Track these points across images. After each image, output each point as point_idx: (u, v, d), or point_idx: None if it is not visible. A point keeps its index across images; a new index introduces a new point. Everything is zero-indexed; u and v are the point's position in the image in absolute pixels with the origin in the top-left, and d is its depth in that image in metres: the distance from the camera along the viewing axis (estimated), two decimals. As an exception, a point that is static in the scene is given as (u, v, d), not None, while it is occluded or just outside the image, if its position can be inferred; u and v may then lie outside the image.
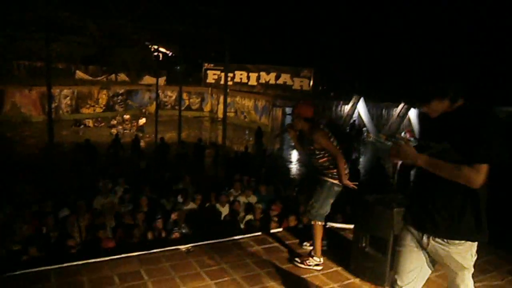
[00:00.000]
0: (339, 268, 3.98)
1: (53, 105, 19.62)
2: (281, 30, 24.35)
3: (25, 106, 23.11)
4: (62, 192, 8.71)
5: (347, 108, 25.01)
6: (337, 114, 24.60)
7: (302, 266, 3.96)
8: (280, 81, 24.80)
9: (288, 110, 24.88)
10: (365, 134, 24.29)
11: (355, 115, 24.88)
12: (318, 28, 25.32)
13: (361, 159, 18.71)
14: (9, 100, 22.94)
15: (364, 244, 3.79)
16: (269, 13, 22.53)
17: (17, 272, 3.66)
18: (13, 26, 16.51)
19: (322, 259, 3.97)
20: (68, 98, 24.55)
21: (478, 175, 2.08)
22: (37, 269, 3.72)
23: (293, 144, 4.38)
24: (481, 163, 2.08)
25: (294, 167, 17.01)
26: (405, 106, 24.17)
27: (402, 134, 24.38)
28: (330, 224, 4.82)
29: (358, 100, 24.18)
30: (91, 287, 3.42)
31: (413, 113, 24.18)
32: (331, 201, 4.00)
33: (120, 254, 4.12)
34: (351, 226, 4.23)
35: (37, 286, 3.40)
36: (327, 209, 4.00)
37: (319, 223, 3.98)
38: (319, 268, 3.93)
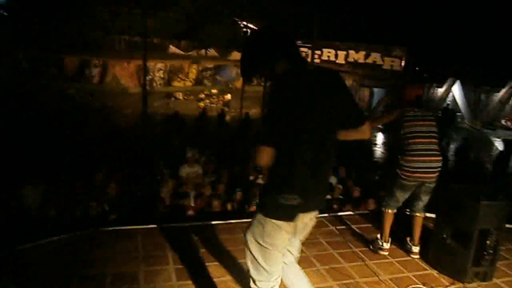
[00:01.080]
0: (416, 257, 3.83)
1: (147, 78, 20.94)
2: (373, 6, 23.21)
3: (124, 78, 24.87)
4: (151, 159, 9.33)
5: (440, 91, 23.44)
6: (429, 97, 23.20)
7: (370, 248, 3.96)
8: (369, 60, 23.80)
9: (376, 90, 23.99)
10: (459, 120, 22.65)
11: (449, 99, 23.24)
12: (413, 4, 23.72)
13: (452, 146, 17.55)
14: (110, 72, 24.84)
15: (445, 236, 3.60)
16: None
17: (109, 228, 4.05)
18: (115, 2, 17.70)
19: (388, 245, 3.88)
20: (162, 71, 25.93)
21: None
22: (126, 227, 4.08)
23: (379, 126, 4.18)
24: None
25: (378, 150, 16.46)
26: (510, 91, 22.04)
27: (503, 121, 22.35)
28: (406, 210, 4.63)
29: (453, 83, 22.51)
30: (172, 248, 3.66)
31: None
32: (401, 193, 3.78)
33: (200, 221, 4.36)
34: (433, 215, 4.02)
35: (125, 242, 3.73)
36: (397, 199, 3.83)
37: (388, 210, 3.88)
38: (384, 253, 3.86)
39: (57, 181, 7.01)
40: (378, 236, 3.96)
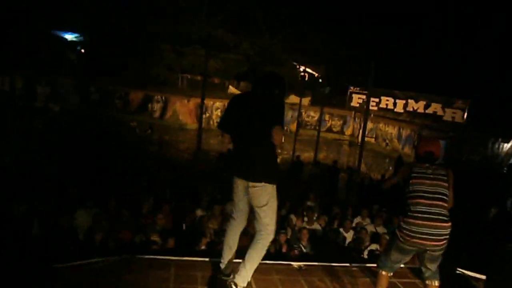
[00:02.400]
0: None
1: (205, 116, 21.64)
2: (434, 56, 22.78)
3: (183, 114, 25.89)
4: (200, 193, 9.44)
5: (507, 146, 22.12)
6: (493, 152, 21.92)
7: None
8: (429, 111, 23.11)
9: (435, 141, 23.08)
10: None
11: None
12: (477, 55, 22.99)
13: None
14: (171, 107, 25.99)
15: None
16: (422, 38, 21.28)
17: (146, 256, 4.07)
18: (180, 43, 18.75)
19: None
20: (219, 110, 26.70)
21: None
22: (162, 257, 4.09)
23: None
24: None
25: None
26: None
27: None
28: (459, 270, 4.28)
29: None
30: (202, 283, 3.61)
31: None
32: (398, 255, 3.42)
33: (236, 259, 4.27)
34: (483, 277, 3.68)
35: (159, 271, 3.73)
36: (393, 261, 3.48)
37: (382, 272, 3.54)
38: None
39: (108, 206, 7.25)
40: None
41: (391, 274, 3.56)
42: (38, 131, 20.39)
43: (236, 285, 3.32)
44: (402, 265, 4.68)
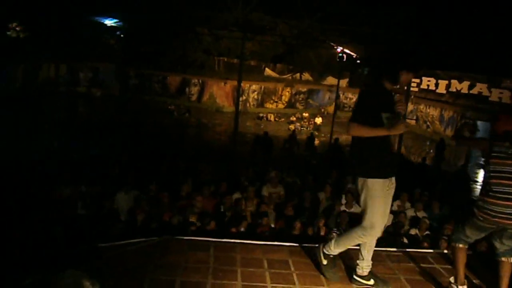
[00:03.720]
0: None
1: (242, 98, 21.68)
2: (480, 33, 21.65)
3: (220, 97, 26.06)
4: (237, 176, 9.52)
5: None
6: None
7: None
8: (474, 91, 22.07)
9: (479, 123, 22.14)
10: None
11: None
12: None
13: None
14: (208, 91, 26.21)
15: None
16: (467, 15, 20.23)
17: (186, 238, 4.15)
18: (217, 26, 18.74)
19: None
20: (256, 92, 26.70)
21: None
22: (202, 238, 4.15)
23: (480, 161, 3.82)
24: None
25: (477, 187, 15.08)
26: None
27: None
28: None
29: None
30: (242, 265, 3.64)
31: None
32: (473, 231, 3.36)
33: (274, 241, 4.29)
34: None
35: (198, 253, 3.79)
36: (467, 236, 3.41)
37: (459, 245, 3.44)
38: None
39: (148, 189, 7.44)
40: (452, 279, 3.52)
41: (467, 246, 3.48)
42: (82, 116, 21.12)
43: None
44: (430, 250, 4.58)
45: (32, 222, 5.61)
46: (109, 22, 25.74)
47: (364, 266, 3.46)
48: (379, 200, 3.18)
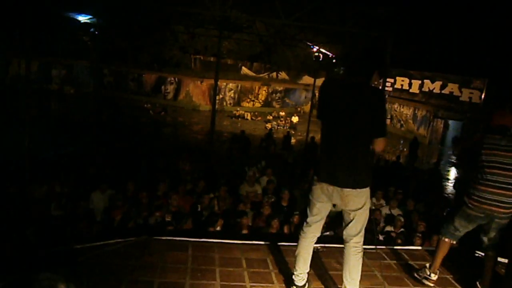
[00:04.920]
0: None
1: (218, 97, 21.59)
2: (451, 34, 22.19)
3: (196, 96, 25.90)
4: (215, 175, 9.49)
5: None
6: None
7: (415, 275, 3.71)
8: (445, 91, 22.66)
9: (451, 122, 22.75)
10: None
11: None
12: (495, 32, 22.30)
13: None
14: (184, 89, 26.00)
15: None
16: (440, 16, 20.70)
17: (164, 238, 4.12)
18: (194, 24, 18.61)
19: (435, 277, 3.60)
20: (232, 91, 26.65)
21: None
22: (179, 238, 4.12)
23: (452, 159, 3.95)
24: None
25: (450, 185, 15.49)
26: None
27: None
28: (477, 252, 4.24)
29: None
30: (220, 264, 3.64)
31: None
32: (463, 223, 3.51)
33: (252, 240, 4.30)
34: (505, 260, 3.63)
35: (176, 253, 3.76)
36: (456, 228, 3.55)
37: (445, 239, 3.60)
38: (430, 284, 3.59)
39: (123, 188, 7.33)
40: (427, 265, 3.68)
41: (454, 242, 3.61)
42: (55, 114, 20.62)
43: None
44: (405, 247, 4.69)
45: (4, 223, 5.45)
46: (82, 18, 25.16)
47: None
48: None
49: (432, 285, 3.59)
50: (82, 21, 24.07)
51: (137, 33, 24.15)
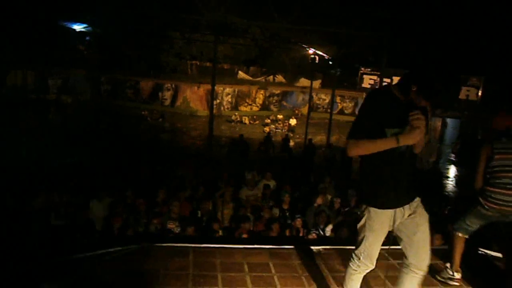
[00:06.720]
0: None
1: (216, 102, 21.59)
2: (447, 34, 22.26)
3: (194, 101, 25.90)
4: (214, 180, 9.45)
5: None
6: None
7: (438, 278, 3.67)
8: (442, 89, 22.63)
9: (449, 120, 22.80)
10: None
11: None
12: (491, 31, 22.37)
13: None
14: (181, 95, 26.00)
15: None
16: (435, 16, 20.78)
17: (165, 244, 4.09)
18: (189, 30, 18.65)
19: (459, 275, 3.58)
20: (230, 96, 26.66)
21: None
22: (180, 244, 4.10)
23: (451, 157, 3.96)
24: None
25: (450, 183, 15.48)
26: None
27: None
28: (481, 250, 4.23)
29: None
30: (222, 270, 3.61)
31: None
32: (476, 220, 3.54)
33: (254, 244, 4.27)
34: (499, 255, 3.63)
35: (178, 259, 3.74)
36: (468, 225, 3.57)
37: (459, 234, 3.61)
38: (455, 283, 3.57)
39: (122, 196, 7.30)
40: (448, 265, 3.66)
41: (467, 236, 3.62)
42: (52, 123, 20.58)
43: None
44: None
45: (3, 234, 5.41)
46: (78, 27, 25.21)
47: None
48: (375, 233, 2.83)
49: (458, 284, 3.58)
50: (77, 30, 24.07)
51: (132, 41, 24.19)
